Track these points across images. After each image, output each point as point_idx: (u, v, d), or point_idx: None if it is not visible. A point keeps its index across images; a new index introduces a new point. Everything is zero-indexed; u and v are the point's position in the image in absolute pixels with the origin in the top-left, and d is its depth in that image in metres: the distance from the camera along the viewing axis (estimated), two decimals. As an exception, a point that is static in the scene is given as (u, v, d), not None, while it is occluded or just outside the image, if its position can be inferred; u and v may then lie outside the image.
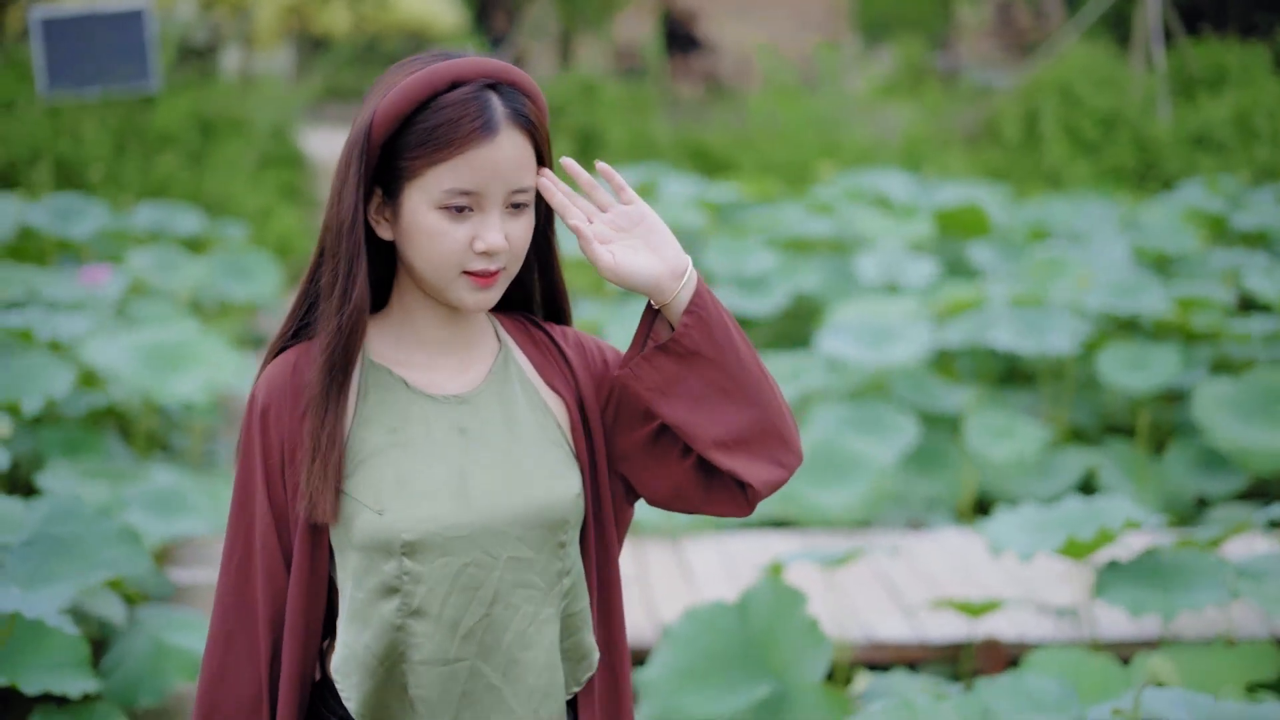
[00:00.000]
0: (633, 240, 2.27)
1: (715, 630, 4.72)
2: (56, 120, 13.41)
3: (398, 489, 2.23)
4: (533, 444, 2.30)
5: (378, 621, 2.23)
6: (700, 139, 14.84)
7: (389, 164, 2.22)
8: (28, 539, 4.09)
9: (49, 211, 10.13)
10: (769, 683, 4.58)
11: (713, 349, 2.25)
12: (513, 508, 2.25)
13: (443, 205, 2.19)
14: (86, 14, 13.89)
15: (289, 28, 21.81)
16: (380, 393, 2.29)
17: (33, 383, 6.23)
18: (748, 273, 9.16)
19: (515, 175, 2.21)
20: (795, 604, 4.65)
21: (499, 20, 22.08)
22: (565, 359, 2.38)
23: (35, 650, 4.29)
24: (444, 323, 2.32)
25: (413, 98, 2.18)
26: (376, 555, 2.22)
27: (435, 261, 2.22)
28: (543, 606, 2.28)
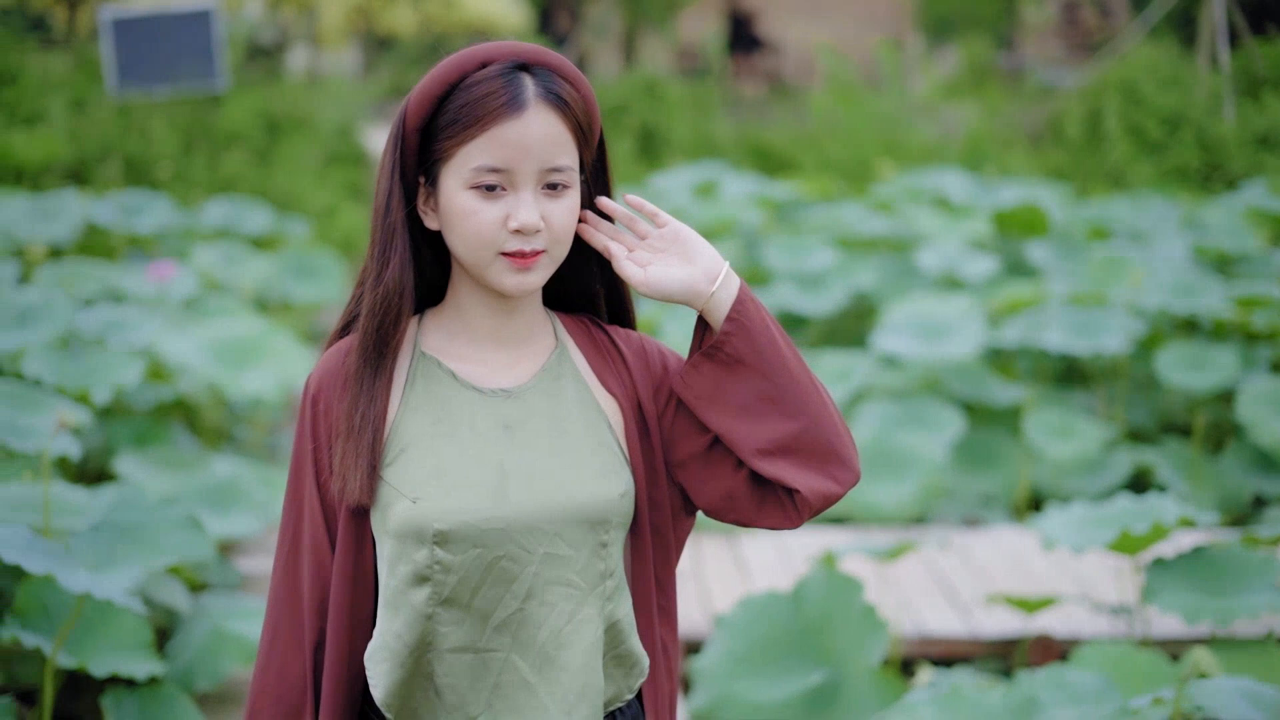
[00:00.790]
0: (669, 257, 2.29)
1: (769, 618, 4.78)
2: (126, 118, 13.60)
3: (435, 479, 2.22)
4: (578, 443, 2.28)
5: (408, 609, 2.23)
6: (762, 138, 14.88)
7: (427, 151, 2.23)
8: (94, 526, 4.20)
9: (116, 208, 10.29)
10: (823, 670, 4.63)
11: (755, 356, 2.24)
12: (550, 504, 2.23)
13: (473, 184, 2.18)
14: (156, 14, 14.07)
15: (355, 27, 21.98)
16: (427, 383, 2.29)
17: (102, 374, 6.35)
18: (807, 271, 9.20)
19: (547, 153, 2.19)
20: (851, 591, 4.70)
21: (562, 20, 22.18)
22: (624, 361, 2.36)
23: (102, 634, 4.41)
24: (495, 315, 2.31)
25: (444, 79, 2.19)
26: (409, 543, 2.21)
27: (471, 243, 2.21)
28: (582, 606, 2.25)
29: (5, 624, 4.26)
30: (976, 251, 9.50)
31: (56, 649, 4.14)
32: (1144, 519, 4.78)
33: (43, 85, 14.16)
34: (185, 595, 5.15)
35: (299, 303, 9.95)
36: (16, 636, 4.19)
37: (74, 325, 6.89)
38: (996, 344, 8.14)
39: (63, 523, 4.58)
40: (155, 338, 7.01)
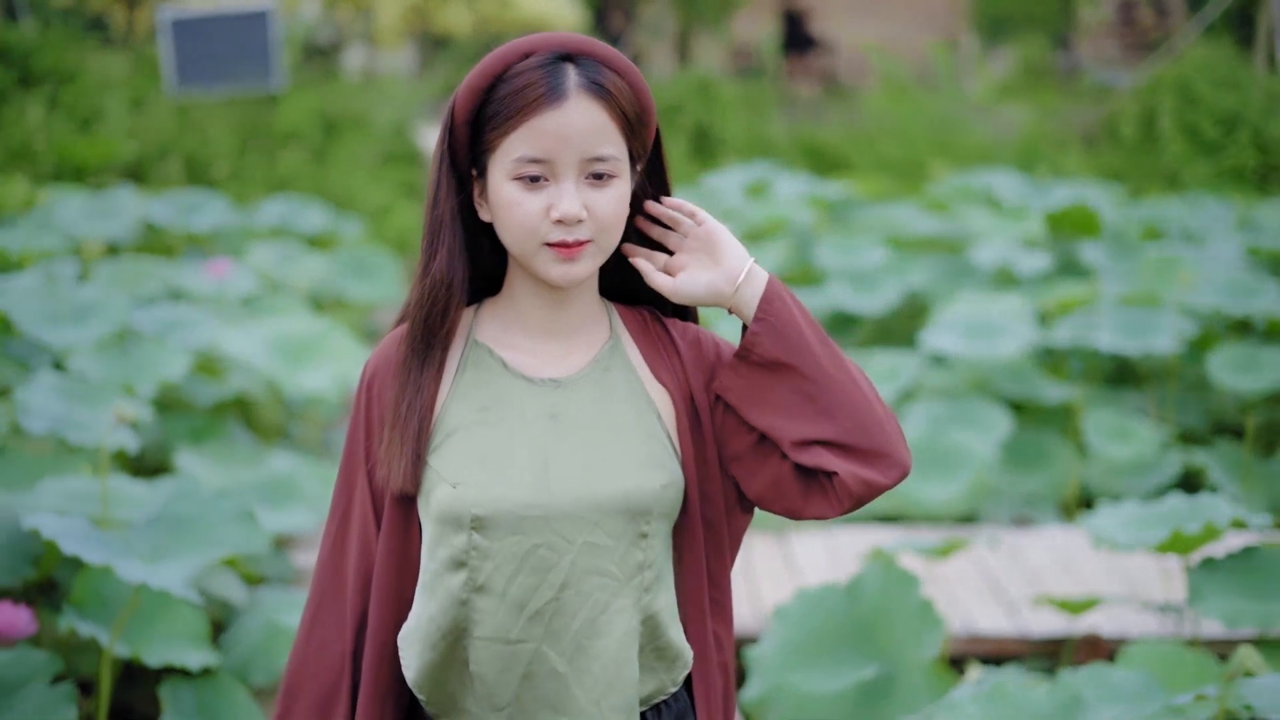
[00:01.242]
0: (698, 260, 2.31)
1: (825, 610, 4.80)
2: (184, 118, 13.74)
3: (477, 465, 2.24)
4: (624, 434, 2.29)
5: (444, 594, 2.25)
6: (815, 138, 14.90)
7: (476, 143, 2.25)
8: (151, 518, 4.27)
9: (172, 207, 10.39)
10: (877, 663, 4.65)
11: (788, 355, 2.24)
12: (591, 494, 2.24)
13: (516, 175, 2.20)
14: (214, 14, 14.21)
15: (411, 27, 22.08)
16: (477, 371, 2.31)
17: (149, 369, 6.43)
18: (858, 270, 9.22)
19: (589, 143, 2.19)
20: (908, 586, 4.71)
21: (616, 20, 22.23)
22: (677, 353, 2.36)
23: (158, 625, 4.49)
24: (547, 306, 2.32)
25: (489, 72, 2.21)
26: (448, 528, 2.24)
27: (516, 234, 2.23)
28: (617, 597, 2.26)
29: (63, 614, 4.34)
30: (1029, 250, 9.50)
31: (113, 639, 4.21)
32: (1196, 519, 4.77)
33: (102, 85, 14.32)
34: (241, 589, 5.23)
35: (354, 301, 10.03)
36: (74, 626, 4.26)
37: (130, 322, 6.98)
38: (1047, 343, 8.13)
39: (121, 515, 4.66)
40: (214, 335, 7.09)
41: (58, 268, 8.13)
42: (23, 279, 7.43)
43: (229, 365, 7.44)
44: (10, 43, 14.50)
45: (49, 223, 9.64)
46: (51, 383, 5.69)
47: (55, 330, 6.75)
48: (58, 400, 5.57)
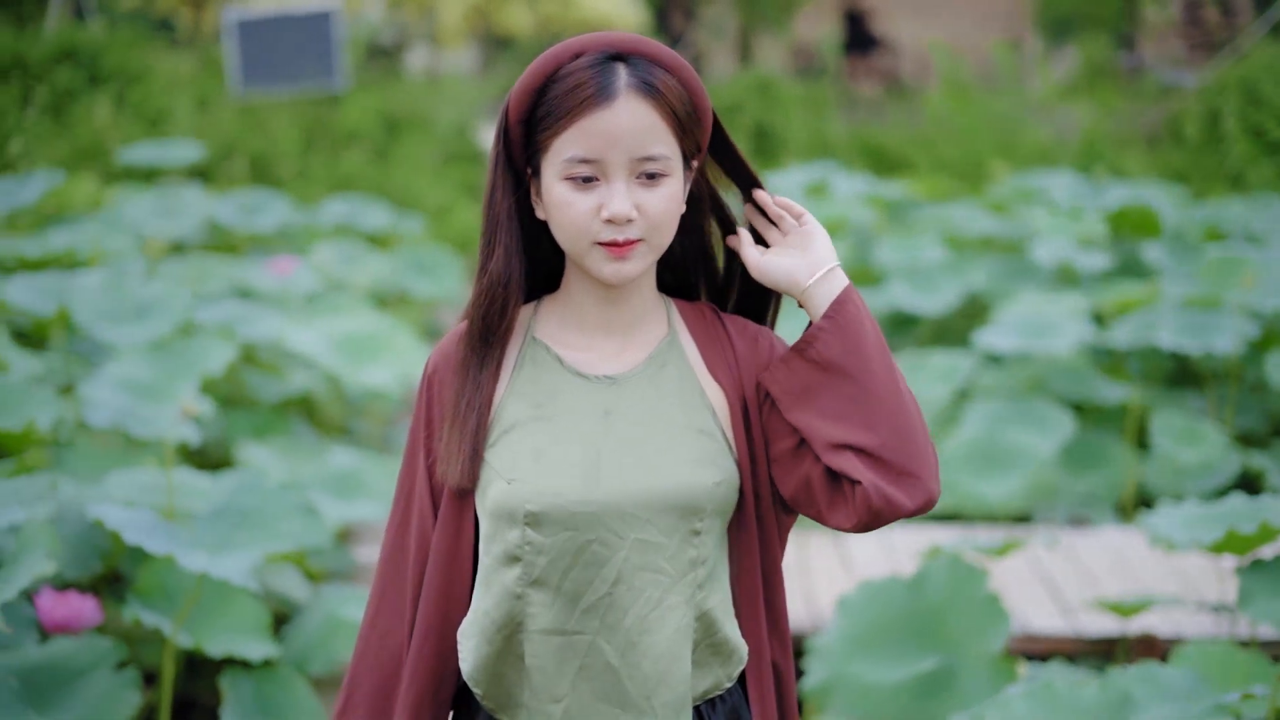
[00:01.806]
0: (788, 247, 2.34)
1: (888, 602, 4.83)
2: (249, 117, 13.86)
3: (531, 461, 2.27)
4: (677, 430, 2.30)
5: (499, 588, 2.29)
6: (876, 138, 14.89)
7: (530, 143, 2.27)
8: (214, 510, 4.35)
9: (237, 206, 10.51)
10: (939, 655, 4.67)
11: (845, 359, 2.24)
12: (643, 490, 2.26)
13: (567, 176, 2.22)
14: (278, 15, 14.35)
15: (473, 27, 22.19)
16: (534, 368, 2.34)
17: (209, 364, 6.53)
18: (918, 270, 9.23)
19: (639, 143, 2.21)
20: (974, 580, 4.72)
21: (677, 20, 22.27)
22: (734, 350, 2.37)
23: (220, 616, 4.57)
24: (603, 303, 2.35)
25: (541, 72, 2.24)
26: (503, 523, 2.28)
27: (569, 233, 2.25)
28: (669, 593, 2.28)
29: (127, 604, 4.43)
30: (1089, 250, 9.48)
31: (176, 629, 4.29)
32: (1252, 519, 4.75)
33: (168, 85, 14.46)
34: (304, 584, 5.32)
35: (416, 298, 10.12)
36: (138, 617, 4.35)
37: (191, 319, 7.09)
38: (1104, 343, 8.12)
39: (186, 508, 4.75)
40: (276, 331, 7.19)
41: (123, 266, 8.25)
42: (89, 277, 7.55)
43: (292, 362, 7.54)
44: (78, 43, 14.67)
45: (116, 221, 9.77)
46: (113, 377, 5.80)
47: (118, 327, 6.86)
48: (119, 395, 5.67)
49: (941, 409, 7.74)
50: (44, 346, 7.40)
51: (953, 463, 6.93)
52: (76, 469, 5.42)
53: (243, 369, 7.36)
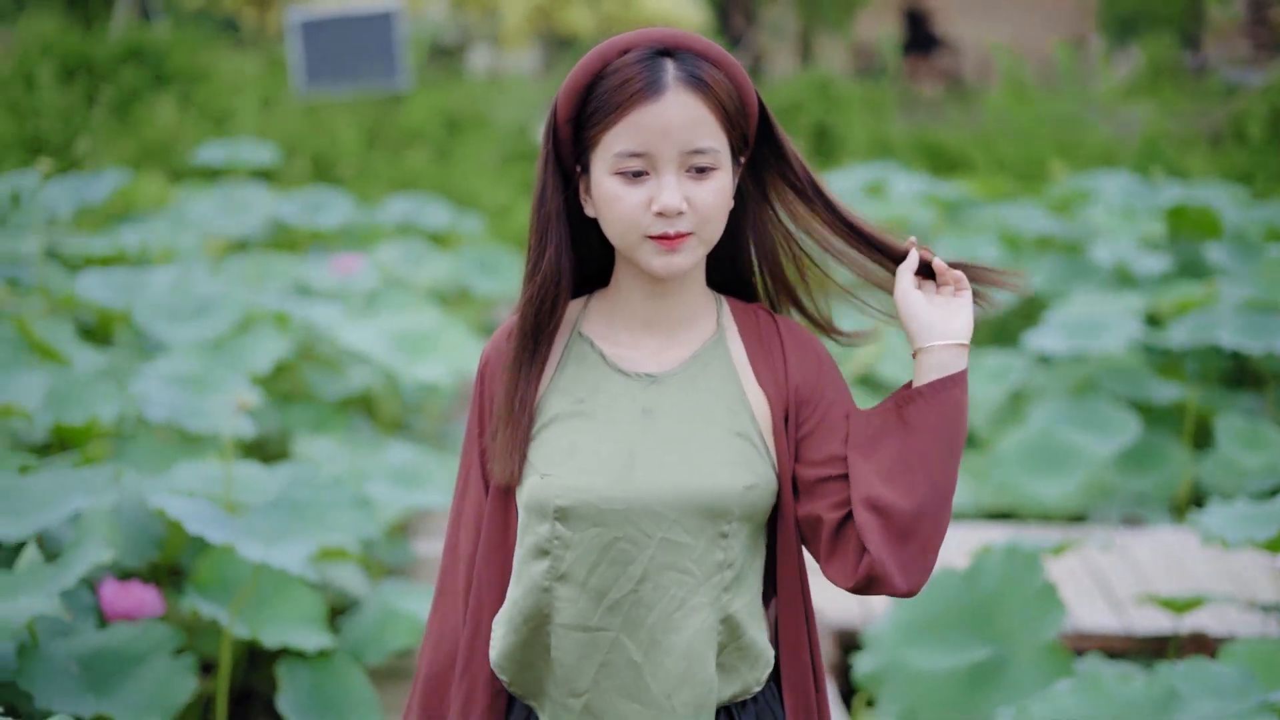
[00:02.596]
0: (940, 301, 2.32)
1: (943, 592, 4.85)
2: (312, 117, 13.99)
3: (566, 456, 2.29)
4: (713, 431, 2.31)
5: (528, 580, 2.32)
6: (936, 138, 14.86)
7: (579, 141, 2.30)
8: (271, 501, 4.43)
9: (300, 204, 10.63)
10: (991, 645, 4.69)
11: (928, 432, 2.26)
12: (673, 490, 2.27)
13: (617, 170, 2.24)
14: (342, 15, 14.46)
15: (536, 27, 22.27)
16: (578, 364, 2.37)
17: (265, 359, 6.62)
18: (973, 270, 9.23)
19: (687, 136, 2.23)
20: (1030, 569, 4.72)
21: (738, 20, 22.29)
22: (784, 355, 2.38)
23: (277, 607, 4.65)
24: (651, 299, 2.36)
25: (589, 69, 2.26)
26: (534, 516, 2.31)
27: (618, 227, 2.27)
28: (694, 594, 2.29)
29: (186, 594, 4.52)
30: (1148, 251, 9.44)
31: (233, 619, 4.37)
32: (1305, 518, 4.75)
33: (233, 84, 14.61)
34: (363, 579, 5.40)
35: (478, 297, 10.20)
36: (196, 607, 4.43)
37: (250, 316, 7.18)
38: (1160, 343, 8.09)
39: (245, 500, 4.83)
40: (333, 328, 7.28)
41: (187, 264, 8.36)
42: (157, 274, 7.67)
43: (351, 359, 7.62)
44: (144, 43, 14.86)
45: (182, 220, 9.90)
46: (168, 373, 5.90)
47: (178, 324, 6.96)
48: (176, 390, 5.77)
49: (994, 409, 7.74)
50: (108, 342, 7.52)
51: (1008, 462, 6.94)
52: (137, 462, 5.52)
53: (303, 366, 7.44)
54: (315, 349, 7.77)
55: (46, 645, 4.07)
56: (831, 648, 5.59)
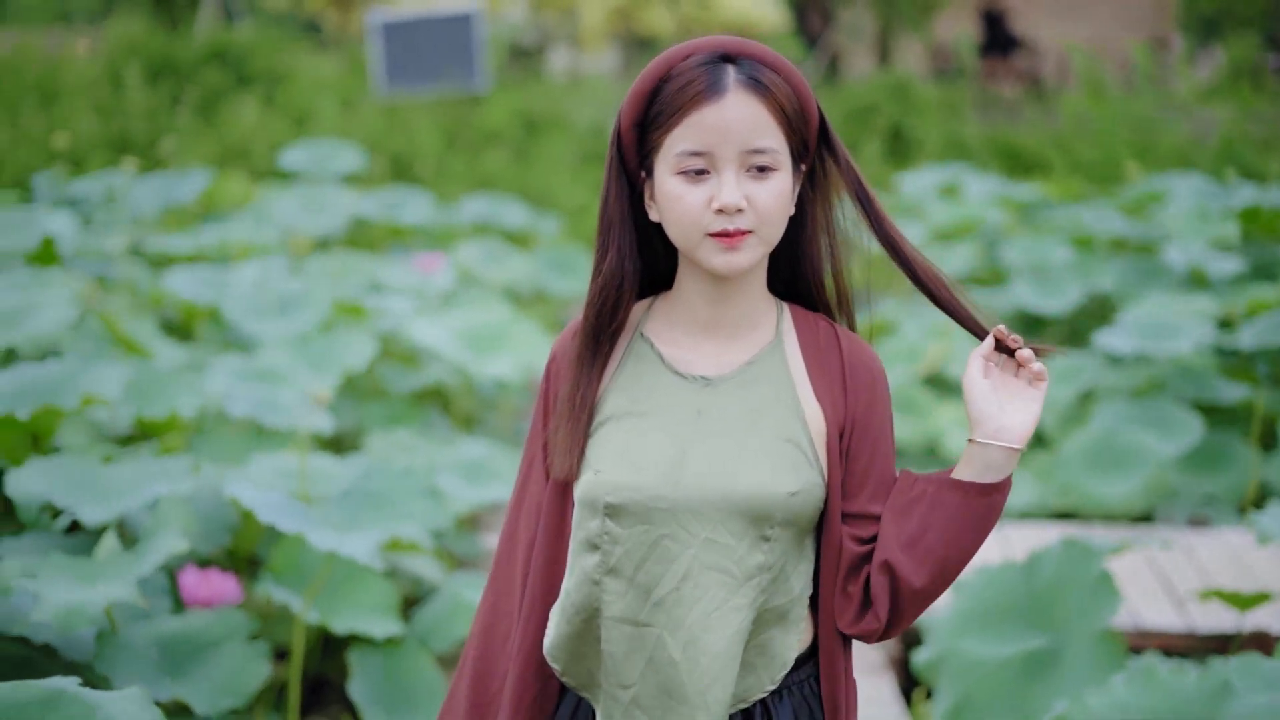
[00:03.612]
0: (1012, 389, 2.34)
1: (1002, 584, 4.90)
2: (391, 118, 14.15)
3: (619, 454, 2.36)
4: (762, 436, 2.36)
5: (580, 572, 2.39)
6: (1012, 139, 14.84)
7: (643, 145, 2.36)
8: (343, 492, 4.55)
9: (380, 203, 10.79)
10: (1047, 635, 4.73)
11: (961, 523, 2.33)
12: (717, 492, 2.33)
13: (680, 170, 2.29)
14: (422, 17, 14.64)
15: (615, 29, 22.38)
16: (636, 363, 2.43)
17: (343, 355, 6.76)
18: (1043, 271, 9.24)
19: (748, 135, 2.28)
20: (1088, 559, 4.75)
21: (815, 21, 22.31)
22: (842, 369, 2.43)
23: (349, 595, 4.77)
24: (712, 301, 2.40)
25: (654, 75, 2.33)
26: (586, 511, 2.38)
27: (681, 226, 2.32)
28: (733, 595, 2.34)
29: (261, 581, 4.65)
30: (1222, 253, 9.42)
31: (306, 606, 4.49)
32: (1367, 518, 4.76)
33: (314, 85, 14.81)
34: (437, 569, 5.52)
35: (554, 296, 10.32)
36: (270, 594, 4.56)
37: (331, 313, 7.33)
38: (1228, 344, 8.08)
39: (319, 492, 4.97)
40: (407, 325, 7.42)
41: (269, 261, 8.53)
42: (238, 271, 7.84)
43: (424, 355, 7.76)
44: (227, 45, 15.09)
45: (265, 218, 10.09)
46: (250, 369, 6.06)
47: (262, 320, 7.13)
48: (257, 386, 5.92)
49: (1063, 410, 7.77)
50: (190, 338, 7.70)
51: (1071, 463, 6.97)
52: (213, 455, 5.67)
53: (378, 362, 7.58)
54: (391, 346, 7.92)
55: (125, 630, 4.22)
56: (894, 643, 5.66)
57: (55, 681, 2.76)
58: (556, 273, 10.26)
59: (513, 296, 10.11)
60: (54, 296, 6.50)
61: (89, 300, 7.02)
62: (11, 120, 13.36)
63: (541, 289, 10.24)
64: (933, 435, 7.69)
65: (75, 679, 2.79)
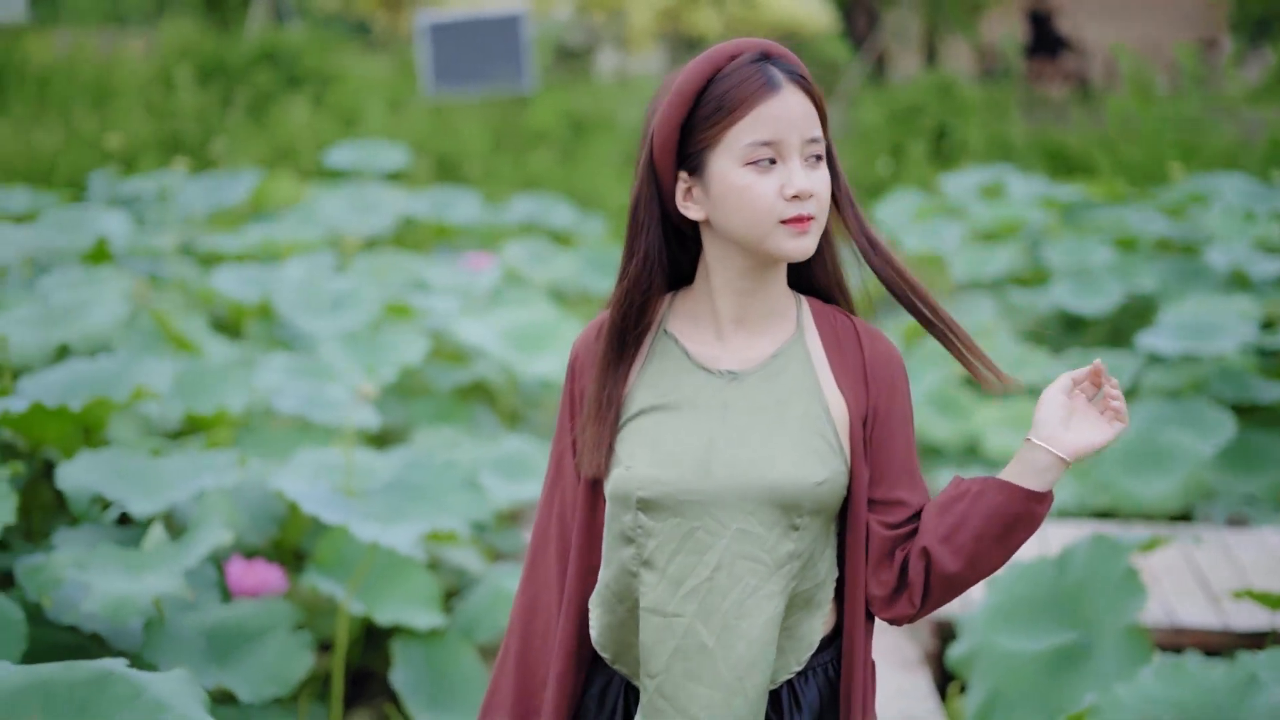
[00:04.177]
0: (1085, 412, 2.39)
1: (1034, 580, 4.94)
2: (439, 118, 14.26)
3: (649, 449, 2.42)
4: (789, 428, 2.42)
5: (617, 564, 2.46)
6: (1057, 140, 14.82)
7: (686, 144, 2.40)
8: (385, 485, 4.64)
9: (429, 203, 10.91)
10: (1077, 630, 4.77)
11: (991, 522, 2.38)
12: (747, 484, 2.39)
13: (749, 160, 2.35)
14: (470, 19, 14.75)
15: (662, 29, 22.44)
16: (663, 360, 2.48)
17: (389, 354, 6.86)
18: (1084, 271, 9.27)
19: (806, 126, 2.36)
20: (1116, 555, 4.79)
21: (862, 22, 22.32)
22: (863, 360, 2.49)
23: (393, 587, 4.87)
24: (740, 295, 2.45)
25: (702, 74, 2.38)
26: (619, 506, 2.44)
27: (753, 216, 2.36)
28: (766, 582, 2.40)
29: (306, 573, 4.75)
30: (1264, 254, 9.43)
31: (349, 596, 4.59)
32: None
33: (363, 86, 14.94)
34: (479, 560, 5.61)
35: (599, 296, 10.39)
36: (315, 585, 4.66)
37: (378, 311, 7.44)
38: (1271, 345, 8.09)
39: (361, 484, 5.06)
40: (452, 323, 7.51)
41: (318, 259, 8.65)
42: (289, 269, 7.96)
43: (470, 353, 7.86)
44: (278, 46, 15.24)
45: (314, 218, 10.22)
46: (293, 365, 6.17)
47: (313, 318, 7.25)
48: (302, 381, 6.04)
49: (1100, 409, 7.78)
50: (240, 334, 7.82)
51: (1108, 461, 7.00)
52: (261, 450, 5.78)
53: (425, 360, 7.68)
54: (438, 344, 8.02)
55: (172, 620, 4.32)
56: (930, 638, 5.71)
57: (104, 662, 2.85)
58: (601, 272, 10.34)
59: (557, 296, 10.20)
60: (106, 294, 6.64)
61: (140, 298, 7.15)
62: (65, 121, 13.54)
63: (586, 288, 10.33)
64: (973, 435, 7.74)
65: (123, 660, 2.88)
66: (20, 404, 4.76)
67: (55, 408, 4.73)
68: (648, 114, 2.47)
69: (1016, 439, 7.65)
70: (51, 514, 5.13)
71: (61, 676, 2.81)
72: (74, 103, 13.99)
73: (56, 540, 4.45)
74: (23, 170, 12.40)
